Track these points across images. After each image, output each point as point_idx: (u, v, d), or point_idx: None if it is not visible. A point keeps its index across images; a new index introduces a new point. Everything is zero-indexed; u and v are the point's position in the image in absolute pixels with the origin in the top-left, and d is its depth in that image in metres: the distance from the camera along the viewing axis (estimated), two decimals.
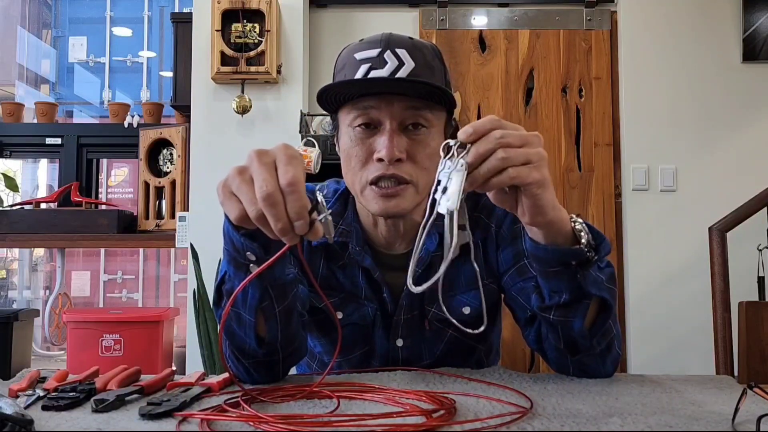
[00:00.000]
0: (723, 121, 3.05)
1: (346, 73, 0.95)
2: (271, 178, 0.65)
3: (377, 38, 0.95)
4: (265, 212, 0.65)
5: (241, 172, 0.68)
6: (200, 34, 2.83)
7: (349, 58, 0.96)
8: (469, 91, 3.14)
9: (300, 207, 0.64)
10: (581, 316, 0.84)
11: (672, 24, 3.08)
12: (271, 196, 0.64)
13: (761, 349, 1.46)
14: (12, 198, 3.36)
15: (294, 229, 0.65)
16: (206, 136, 2.83)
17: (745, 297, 1.82)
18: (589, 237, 0.80)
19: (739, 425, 0.63)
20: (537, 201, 0.74)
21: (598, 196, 3.10)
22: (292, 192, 0.64)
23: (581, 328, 0.85)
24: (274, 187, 0.64)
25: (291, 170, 0.65)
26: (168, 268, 4.79)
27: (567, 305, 0.84)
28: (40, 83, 6.41)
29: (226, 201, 0.69)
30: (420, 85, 0.92)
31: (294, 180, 0.64)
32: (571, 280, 0.81)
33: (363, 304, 1.03)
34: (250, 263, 0.77)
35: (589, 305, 0.84)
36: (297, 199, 0.64)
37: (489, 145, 0.70)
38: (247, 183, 0.67)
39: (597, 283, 0.82)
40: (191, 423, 0.65)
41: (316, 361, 1.11)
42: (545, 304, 0.86)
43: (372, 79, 0.92)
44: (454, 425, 0.62)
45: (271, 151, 0.68)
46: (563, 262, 0.80)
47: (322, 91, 0.93)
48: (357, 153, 0.94)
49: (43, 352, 4.30)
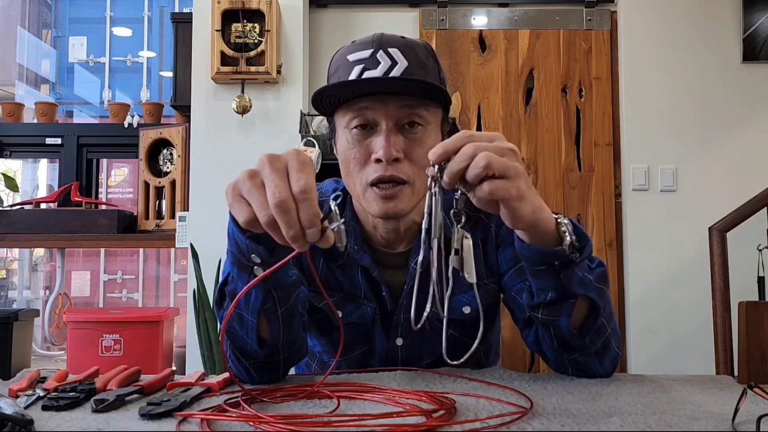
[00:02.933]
0: (723, 121, 3.05)
1: (339, 75, 0.95)
2: (283, 184, 0.65)
3: (369, 39, 0.95)
4: (277, 219, 0.64)
5: (252, 176, 0.67)
6: (200, 34, 2.83)
7: (342, 60, 0.96)
8: (469, 91, 3.14)
9: (312, 215, 0.64)
10: (567, 315, 0.84)
11: (672, 24, 3.08)
12: (284, 203, 0.64)
13: (761, 349, 1.46)
14: (12, 198, 3.36)
15: (305, 237, 0.65)
16: (206, 136, 2.83)
17: (745, 297, 1.82)
18: (573, 238, 0.80)
19: (739, 425, 0.63)
20: (515, 212, 0.74)
21: (598, 196, 3.10)
22: (304, 200, 0.64)
23: (567, 326, 0.85)
24: (287, 194, 0.64)
25: (304, 177, 0.65)
26: (168, 268, 4.79)
27: (553, 304, 0.84)
28: (40, 83, 6.41)
29: (235, 204, 0.69)
30: (414, 83, 0.92)
31: (307, 187, 0.64)
32: (555, 280, 0.82)
33: (362, 304, 1.03)
34: (255, 265, 0.77)
35: (574, 304, 0.84)
36: (309, 207, 0.64)
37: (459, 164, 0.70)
38: (259, 188, 0.66)
39: (584, 283, 0.82)
40: (191, 423, 0.65)
41: (315, 361, 1.11)
42: (534, 303, 0.86)
43: (366, 80, 0.92)
44: (454, 425, 0.63)
45: (283, 156, 0.68)
46: (546, 261, 0.81)
47: (317, 94, 0.93)
48: (355, 155, 0.94)
49: (43, 352, 4.30)
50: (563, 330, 0.86)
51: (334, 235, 0.66)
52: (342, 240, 0.67)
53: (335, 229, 0.66)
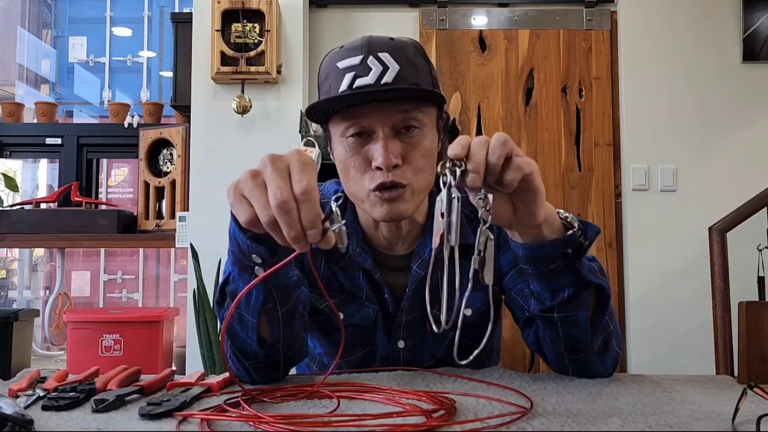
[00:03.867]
0: (723, 121, 3.05)
1: (330, 83, 0.94)
2: (285, 184, 0.65)
3: (358, 44, 0.93)
4: (278, 219, 0.64)
5: (254, 176, 0.67)
6: (200, 34, 2.83)
7: (331, 67, 0.95)
8: (469, 91, 3.14)
9: (314, 216, 0.64)
10: (585, 307, 0.85)
11: (672, 24, 3.08)
12: (285, 204, 0.64)
13: (761, 349, 1.46)
14: (12, 198, 3.36)
15: (306, 238, 0.65)
16: (206, 136, 2.83)
17: (745, 297, 1.82)
18: (578, 223, 0.82)
19: (739, 425, 0.63)
20: (536, 206, 0.76)
21: (598, 196, 3.10)
22: (306, 200, 0.64)
23: (586, 319, 0.86)
24: (288, 195, 0.64)
25: (305, 178, 0.65)
26: (168, 268, 4.79)
27: (570, 300, 0.84)
28: (40, 83, 6.41)
29: (236, 203, 0.69)
30: (406, 92, 0.91)
31: (308, 188, 0.64)
32: (570, 273, 0.82)
33: (364, 306, 1.03)
34: (256, 266, 0.77)
35: (589, 296, 0.85)
36: (311, 208, 0.64)
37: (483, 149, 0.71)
38: (260, 188, 0.66)
39: (592, 271, 0.85)
40: (191, 423, 0.65)
41: (316, 363, 1.11)
42: (547, 306, 0.86)
43: (359, 93, 0.90)
44: (454, 425, 0.63)
45: (285, 156, 0.68)
46: (562, 253, 0.81)
47: (311, 108, 0.93)
48: (354, 163, 0.94)
49: (43, 352, 4.30)
50: (581, 324, 0.86)
51: (335, 236, 0.66)
52: (343, 241, 0.67)
53: (336, 231, 0.66)
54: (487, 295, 1.04)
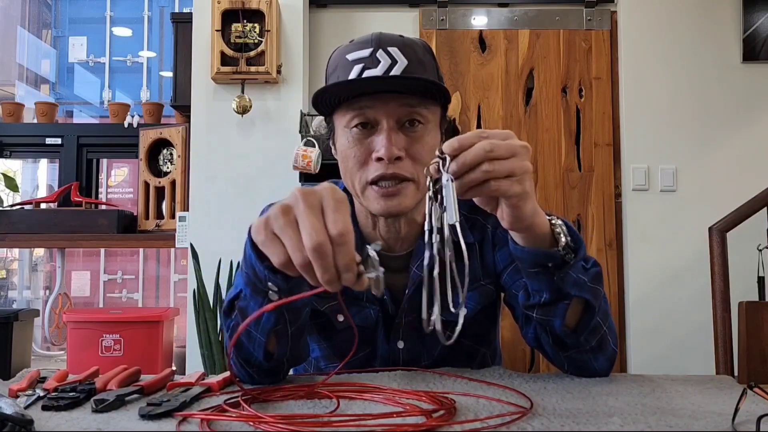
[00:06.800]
0: (723, 121, 3.05)
1: (339, 74, 0.95)
2: (319, 224, 0.61)
3: (368, 38, 0.95)
4: (313, 262, 0.61)
5: (286, 212, 0.63)
6: (200, 34, 2.83)
7: (340, 59, 0.96)
8: (469, 91, 3.14)
9: (349, 260, 0.61)
10: (560, 316, 0.85)
11: (672, 24, 3.08)
12: (320, 246, 0.60)
13: (761, 349, 1.46)
14: (12, 198, 3.36)
15: (340, 280, 0.62)
16: (206, 136, 2.83)
17: (745, 297, 1.82)
18: (568, 239, 0.81)
19: (739, 425, 0.63)
20: (516, 212, 0.75)
21: (598, 196, 3.10)
22: (342, 243, 0.61)
23: (561, 326, 0.86)
24: (323, 237, 0.60)
25: (341, 219, 0.61)
26: (168, 268, 4.79)
27: (547, 305, 0.85)
28: (40, 83, 6.41)
29: (268, 243, 0.65)
30: (415, 81, 0.92)
31: (345, 230, 0.61)
32: (549, 281, 0.82)
33: (365, 307, 1.03)
34: (271, 291, 0.76)
35: (568, 306, 0.84)
36: (347, 252, 0.61)
37: (473, 157, 0.70)
38: (293, 226, 0.62)
39: (578, 284, 0.83)
40: (191, 423, 0.65)
41: (312, 367, 1.11)
42: (529, 303, 0.87)
43: (368, 79, 0.92)
44: (454, 425, 0.63)
45: (317, 192, 0.64)
46: (539, 263, 0.81)
47: (318, 94, 0.93)
48: (355, 153, 0.94)
49: (43, 352, 4.30)
50: (557, 330, 0.86)
51: (369, 281, 0.62)
52: (379, 288, 0.63)
53: (373, 277, 0.63)
54: (479, 295, 1.04)
